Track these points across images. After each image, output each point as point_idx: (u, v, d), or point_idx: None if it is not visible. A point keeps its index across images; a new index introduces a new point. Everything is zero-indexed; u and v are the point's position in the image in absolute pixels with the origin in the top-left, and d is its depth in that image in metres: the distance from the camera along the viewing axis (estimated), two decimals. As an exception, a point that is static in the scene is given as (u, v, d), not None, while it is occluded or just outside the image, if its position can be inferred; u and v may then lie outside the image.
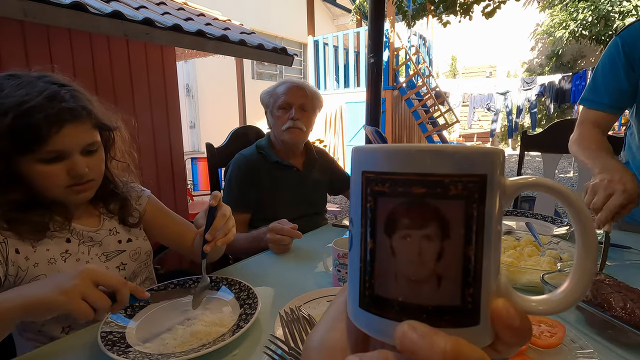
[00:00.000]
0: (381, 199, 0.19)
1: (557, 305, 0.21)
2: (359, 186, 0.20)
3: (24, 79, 0.67)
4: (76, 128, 0.68)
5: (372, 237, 0.19)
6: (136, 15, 2.00)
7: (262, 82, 8.51)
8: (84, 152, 0.71)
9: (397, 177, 0.18)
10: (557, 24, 9.24)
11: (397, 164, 0.18)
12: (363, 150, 0.20)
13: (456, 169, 0.18)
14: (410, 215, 0.18)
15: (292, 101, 1.35)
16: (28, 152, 0.65)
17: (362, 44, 6.23)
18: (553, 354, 0.55)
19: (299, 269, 0.95)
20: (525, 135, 1.73)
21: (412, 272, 0.18)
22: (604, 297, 0.61)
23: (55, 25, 1.74)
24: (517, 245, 0.94)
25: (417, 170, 0.18)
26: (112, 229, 0.84)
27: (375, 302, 0.19)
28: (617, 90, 1.07)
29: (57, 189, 0.69)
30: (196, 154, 5.25)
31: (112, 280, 0.55)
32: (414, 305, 0.18)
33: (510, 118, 9.65)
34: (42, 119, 0.63)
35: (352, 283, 0.20)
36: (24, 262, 0.69)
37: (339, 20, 10.77)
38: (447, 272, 0.18)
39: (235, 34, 2.81)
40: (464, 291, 0.18)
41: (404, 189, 0.18)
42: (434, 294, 0.18)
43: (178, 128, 2.60)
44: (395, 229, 0.18)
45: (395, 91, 6.23)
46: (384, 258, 0.19)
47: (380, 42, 3.31)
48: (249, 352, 0.60)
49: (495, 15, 4.93)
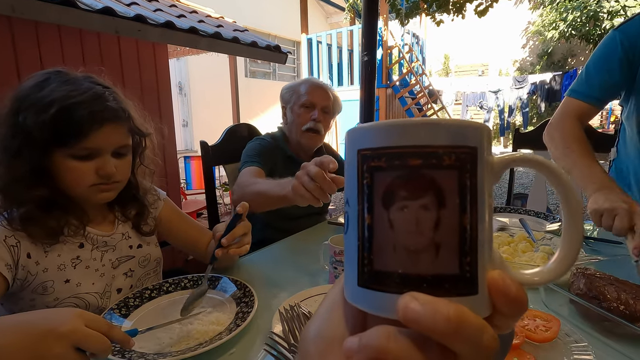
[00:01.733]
0: (378, 173, 0.19)
1: (551, 274, 0.21)
2: (354, 165, 0.20)
3: (71, 76, 0.69)
4: (114, 129, 0.70)
5: (369, 213, 0.19)
6: (127, 12, 1.98)
7: (255, 80, 8.47)
8: (114, 154, 0.72)
9: (393, 150, 0.19)
10: (548, 24, 9.35)
11: (393, 138, 0.19)
12: (358, 130, 0.20)
13: (449, 141, 0.18)
14: (407, 187, 0.18)
15: (316, 101, 1.33)
16: (64, 145, 0.66)
17: (356, 42, 6.24)
18: (548, 348, 0.55)
19: (296, 267, 0.95)
20: (518, 133, 1.75)
21: (410, 242, 0.18)
22: (598, 290, 0.62)
23: (45, 21, 1.71)
24: (511, 242, 0.95)
25: (412, 142, 0.18)
26: (125, 233, 0.82)
27: (375, 277, 0.19)
28: (609, 84, 1.08)
29: (83, 187, 0.70)
30: (189, 153, 5.22)
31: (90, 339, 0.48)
32: (414, 275, 0.18)
33: (502, 116, 9.74)
34: (87, 115, 0.65)
35: (350, 265, 0.21)
36: (34, 267, 0.68)
37: (332, 18, 10.76)
38: (444, 240, 0.18)
39: (228, 31, 2.79)
40: (462, 259, 0.18)
41: (400, 162, 0.18)
42: (433, 263, 0.18)
43: (171, 126, 2.58)
44: (393, 201, 0.19)
45: (388, 89, 6.25)
46: (382, 231, 0.19)
47: (374, 40, 3.31)
48: (246, 351, 0.60)
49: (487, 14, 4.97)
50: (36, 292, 0.69)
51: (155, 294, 0.76)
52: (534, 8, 9.91)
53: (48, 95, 0.64)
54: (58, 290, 0.70)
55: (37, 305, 0.69)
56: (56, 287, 0.70)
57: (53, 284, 0.69)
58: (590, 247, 1.00)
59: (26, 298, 0.69)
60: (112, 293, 0.77)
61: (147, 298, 0.75)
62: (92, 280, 0.74)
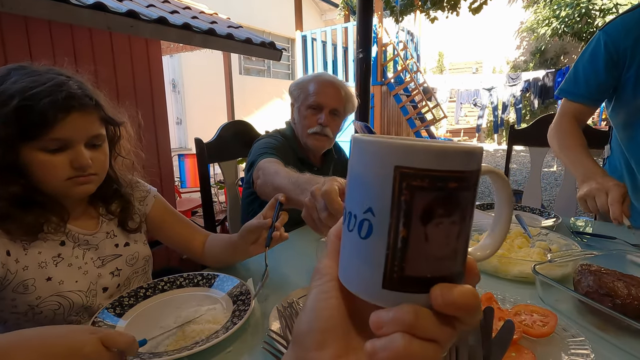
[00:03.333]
0: (420, 192, 0.21)
1: (487, 250, 0.29)
2: (389, 180, 0.21)
3: (33, 69, 0.67)
4: (82, 117, 0.67)
5: (405, 227, 0.21)
6: (120, 7, 1.95)
7: (249, 77, 8.43)
8: (88, 145, 0.70)
9: (437, 173, 0.21)
10: (541, 21, 9.42)
11: (437, 162, 0.21)
12: (396, 146, 0.21)
13: (475, 166, 0.22)
14: (445, 207, 0.21)
15: (324, 103, 1.23)
16: (32, 139, 0.63)
17: (350, 39, 6.22)
18: (545, 342, 0.55)
19: (292, 264, 0.94)
20: (513, 130, 1.75)
21: (440, 252, 0.21)
22: (608, 287, 0.62)
23: (34, 16, 1.67)
24: (507, 238, 0.95)
25: (452, 167, 0.21)
26: (109, 232, 0.80)
27: (404, 281, 0.22)
28: (596, 84, 1.10)
29: (58, 181, 0.67)
30: (183, 151, 5.18)
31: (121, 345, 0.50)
32: (438, 277, 0.22)
33: (496, 113, 9.81)
34: (48, 103, 0.62)
35: (370, 269, 0.22)
36: (13, 265, 0.66)
37: (326, 15, 10.72)
38: (461, 247, 0.22)
39: (222, 27, 2.77)
40: (465, 258, 0.23)
41: (442, 184, 0.21)
42: (452, 266, 0.22)
43: (165, 124, 2.55)
44: (431, 219, 0.21)
45: (383, 87, 6.25)
46: (417, 243, 0.21)
47: (369, 38, 3.30)
48: (243, 349, 0.59)
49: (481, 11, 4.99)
50: (17, 291, 0.67)
51: (151, 293, 0.75)
52: (527, 6, 9.97)
53: (8, 89, 0.63)
54: (40, 289, 0.68)
55: (19, 305, 0.67)
56: (37, 285, 0.68)
57: (34, 282, 0.67)
58: (585, 242, 1.00)
59: (7, 298, 0.67)
60: (98, 292, 0.75)
61: (142, 297, 0.74)
62: (75, 278, 0.72)
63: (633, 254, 0.85)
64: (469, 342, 0.35)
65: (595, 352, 0.52)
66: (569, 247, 0.86)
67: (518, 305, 0.63)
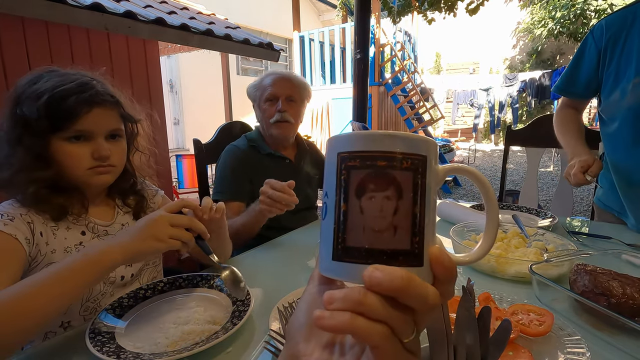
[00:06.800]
0: (353, 170, 0.25)
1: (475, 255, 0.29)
2: (334, 164, 0.26)
3: (62, 71, 0.75)
4: (104, 112, 0.75)
5: (345, 202, 0.25)
6: (117, 8, 1.94)
7: (247, 77, 8.42)
8: (108, 138, 0.77)
9: (365, 153, 0.24)
10: (537, 22, 9.46)
11: (365, 144, 0.25)
12: (338, 137, 0.26)
13: (407, 149, 0.25)
14: (375, 182, 0.24)
15: (278, 92, 1.31)
16: (59, 130, 0.71)
17: (348, 39, 6.23)
18: (542, 341, 0.56)
19: (291, 265, 0.94)
20: (510, 130, 1.76)
21: (375, 224, 0.24)
22: (604, 286, 0.62)
23: (32, 16, 1.67)
24: (504, 238, 0.96)
25: (380, 148, 0.24)
26: (124, 224, 0.85)
27: (347, 251, 0.25)
28: (585, 82, 1.19)
29: (81, 170, 0.74)
30: (181, 151, 5.16)
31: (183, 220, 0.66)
32: (377, 250, 0.24)
33: (493, 114, 9.84)
34: (74, 100, 0.70)
35: (325, 245, 0.26)
36: (44, 247, 0.72)
37: (324, 15, 10.73)
38: (401, 223, 0.24)
39: (220, 28, 2.76)
40: (412, 238, 0.24)
41: (371, 162, 0.24)
42: (391, 240, 0.24)
43: (162, 124, 2.54)
44: (364, 192, 0.24)
45: (381, 87, 6.27)
46: (354, 215, 0.24)
47: (367, 38, 3.32)
48: (243, 349, 0.60)
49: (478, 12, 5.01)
50: None
51: (150, 294, 0.75)
52: (523, 6, 10.02)
53: (40, 87, 0.70)
54: None
55: None
56: None
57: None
58: (581, 242, 1.01)
59: None
60: (117, 280, 0.80)
61: (142, 298, 0.74)
62: None
63: (628, 254, 0.86)
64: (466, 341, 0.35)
65: (590, 350, 0.53)
66: (565, 247, 0.87)
67: (515, 305, 0.64)
